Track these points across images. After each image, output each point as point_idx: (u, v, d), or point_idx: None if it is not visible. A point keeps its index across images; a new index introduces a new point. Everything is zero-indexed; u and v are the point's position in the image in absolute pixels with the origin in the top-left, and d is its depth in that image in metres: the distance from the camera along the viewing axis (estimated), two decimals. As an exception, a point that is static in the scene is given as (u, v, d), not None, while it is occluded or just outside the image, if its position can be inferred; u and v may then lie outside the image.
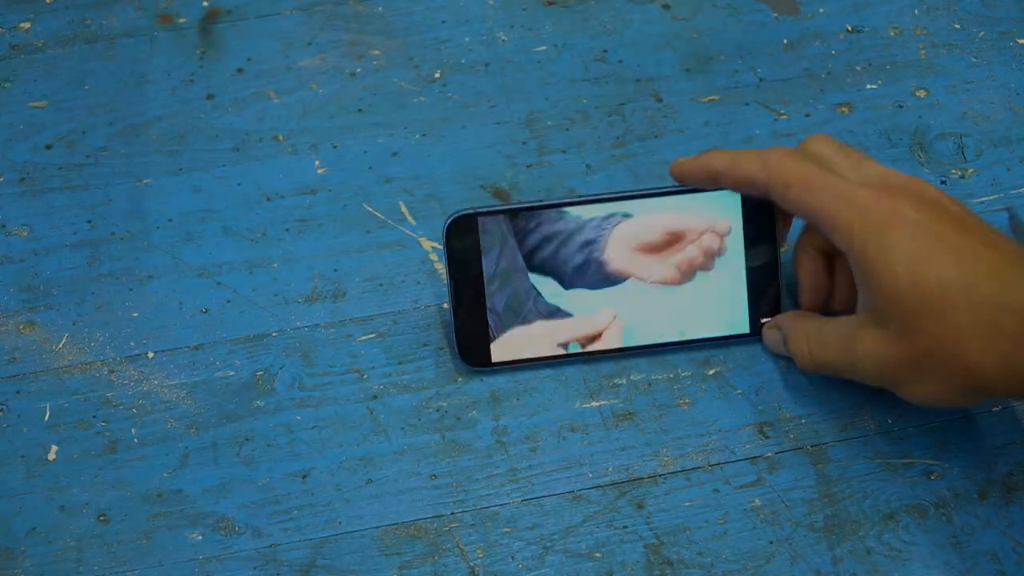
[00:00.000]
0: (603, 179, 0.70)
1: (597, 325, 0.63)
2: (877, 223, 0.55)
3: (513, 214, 0.62)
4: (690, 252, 0.62)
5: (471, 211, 0.62)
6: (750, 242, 0.63)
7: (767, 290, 0.63)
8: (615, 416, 0.62)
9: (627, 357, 0.63)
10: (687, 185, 0.62)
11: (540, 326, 0.63)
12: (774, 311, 0.63)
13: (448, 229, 0.62)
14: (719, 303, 0.63)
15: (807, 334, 0.60)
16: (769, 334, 0.63)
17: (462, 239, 0.62)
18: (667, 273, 0.63)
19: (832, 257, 0.62)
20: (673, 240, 0.63)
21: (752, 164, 0.60)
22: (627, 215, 0.63)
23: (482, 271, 0.62)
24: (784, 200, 0.59)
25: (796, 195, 0.58)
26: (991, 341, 0.53)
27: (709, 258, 0.63)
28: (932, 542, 0.58)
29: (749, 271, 0.63)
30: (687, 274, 0.63)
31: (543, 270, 0.63)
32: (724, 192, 0.62)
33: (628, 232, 0.62)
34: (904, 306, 0.54)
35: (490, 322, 0.62)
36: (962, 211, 0.57)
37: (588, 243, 0.62)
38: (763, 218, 0.63)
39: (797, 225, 0.63)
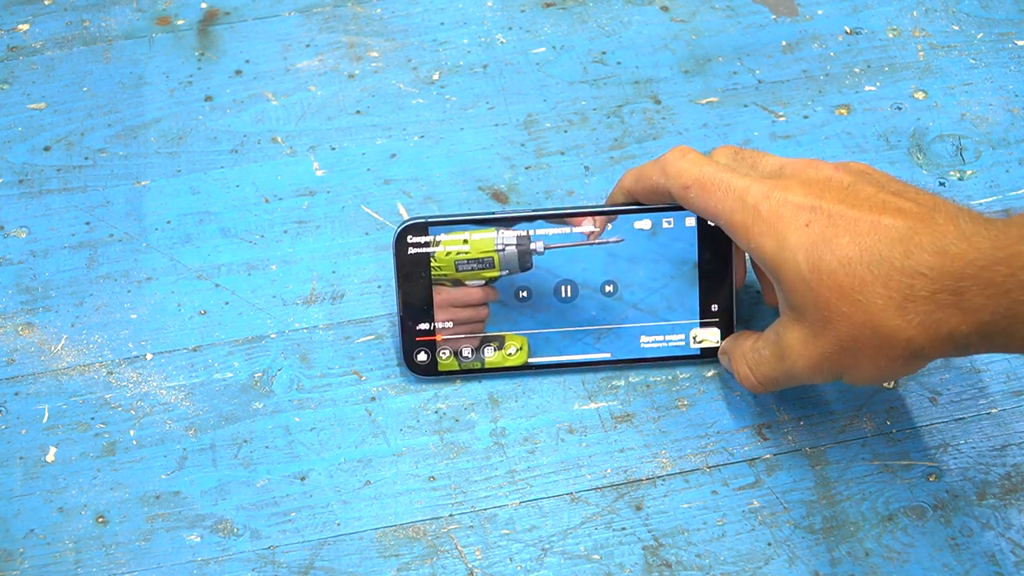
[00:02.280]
0: (601, 181, 0.70)
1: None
2: (770, 217, 0.55)
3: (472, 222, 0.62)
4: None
5: (422, 220, 0.62)
6: (705, 267, 0.62)
7: (722, 314, 0.63)
8: (613, 418, 0.62)
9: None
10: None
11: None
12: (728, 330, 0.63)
13: (398, 237, 0.62)
14: (672, 329, 0.63)
15: (744, 355, 0.59)
16: (722, 360, 0.62)
17: (412, 248, 0.62)
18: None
19: None
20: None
21: (652, 171, 0.60)
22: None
23: (430, 280, 0.62)
24: (685, 202, 0.58)
25: (694, 197, 0.58)
26: (909, 309, 0.51)
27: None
28: (930, 544, 0.58)
29: (703, 296, 0.63)
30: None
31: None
32: (683, 216, 0.62)
33: None
34: (814, 295, 0.54)
35: (437, 331, 0.63)
36: (854, 180, 0.55)
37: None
38: (719, 244, 0.62)
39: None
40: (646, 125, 0.73)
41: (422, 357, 0.63)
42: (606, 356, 0.63)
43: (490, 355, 0.63)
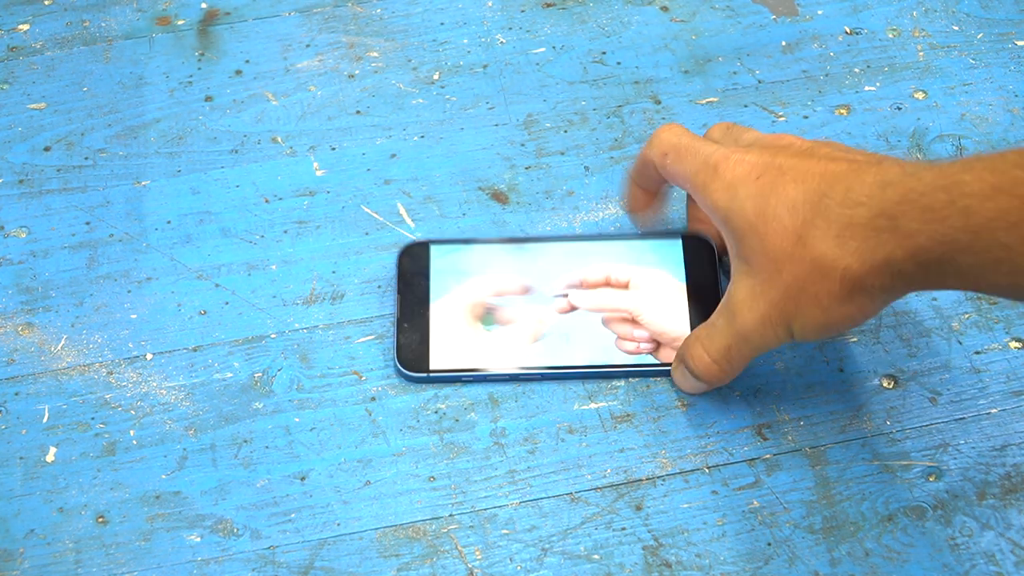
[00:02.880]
0: (601, 181, 0.70)
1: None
2: (725, 174, 0.57)
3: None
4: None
5: (424, 241, 0.66)
6: (692, 286, 0.64)
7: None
8: (613, 418, 0.62)
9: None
10: (633, 200, 0.66)
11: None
12: None
13: (401, 254, 0.65)
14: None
15: (697, 337, 0.60)
16: (676, 374, 0.62)
17: (414, 263, 0.65)
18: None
19: None
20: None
21: (645, 147, 0.62)
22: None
23: (429, 290, 0.64)
24: (664, 171, 0.61)
25: (670, 163, 0.60)
26: (846, 236, 0.52)
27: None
28: (930, 544, 0.58)
29: (692, 313, 0.64)
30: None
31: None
32: (666, 240, 0.65)
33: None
34: (761, 240, 0.55)
35: (432, 335, 0.63)
36: (814, 144, 0.57)
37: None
38: (704, 260, 0.65)
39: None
40: (646, 125, 0.73)
41: (415, 357, 0.63)
42: (599, 360, 0.63)
43: None
